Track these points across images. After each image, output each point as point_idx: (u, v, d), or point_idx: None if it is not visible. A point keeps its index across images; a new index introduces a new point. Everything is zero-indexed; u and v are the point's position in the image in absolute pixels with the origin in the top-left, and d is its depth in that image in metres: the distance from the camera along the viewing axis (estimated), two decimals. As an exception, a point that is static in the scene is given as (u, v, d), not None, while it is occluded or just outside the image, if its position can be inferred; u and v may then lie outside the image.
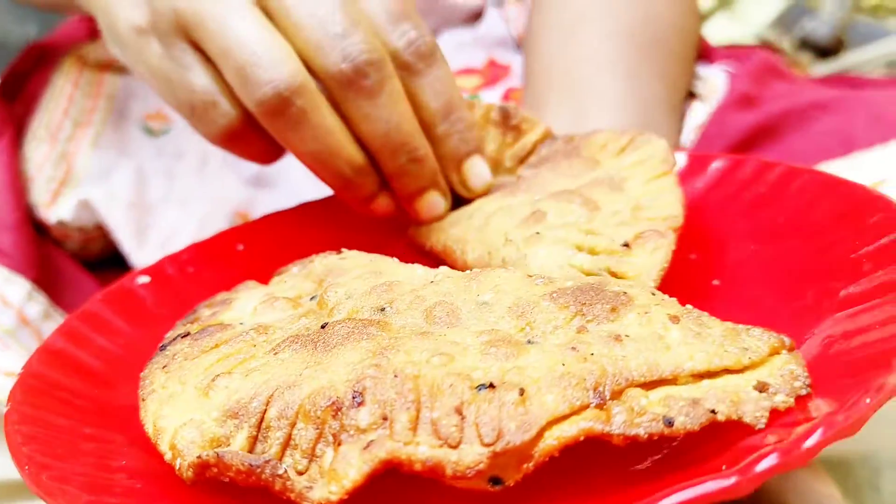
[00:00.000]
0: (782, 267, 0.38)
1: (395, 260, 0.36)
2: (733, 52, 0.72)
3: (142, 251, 0.69)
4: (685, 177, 0.46)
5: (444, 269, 0.34)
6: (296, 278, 0.35)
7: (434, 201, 0.45)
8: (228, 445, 0.25)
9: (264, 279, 0.39)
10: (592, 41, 0.64)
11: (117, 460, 0.28)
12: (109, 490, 0.26)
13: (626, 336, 0.27)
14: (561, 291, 0.30)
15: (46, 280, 0.65)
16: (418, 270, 0.34)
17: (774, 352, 0.29)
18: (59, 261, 0.69)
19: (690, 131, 0.64)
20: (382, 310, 0.30)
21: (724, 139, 0.61)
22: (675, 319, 0.29)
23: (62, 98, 0.73)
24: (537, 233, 0.38)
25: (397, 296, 0.30)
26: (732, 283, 0.39)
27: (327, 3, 0.40)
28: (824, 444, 0.23)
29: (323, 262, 0.36)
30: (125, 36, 0.45)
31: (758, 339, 0.29)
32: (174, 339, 0.31)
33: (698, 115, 0.65)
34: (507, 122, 0.48)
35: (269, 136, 0.43)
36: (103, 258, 0.73)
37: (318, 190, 0.60)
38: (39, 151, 0.71)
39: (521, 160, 0.48)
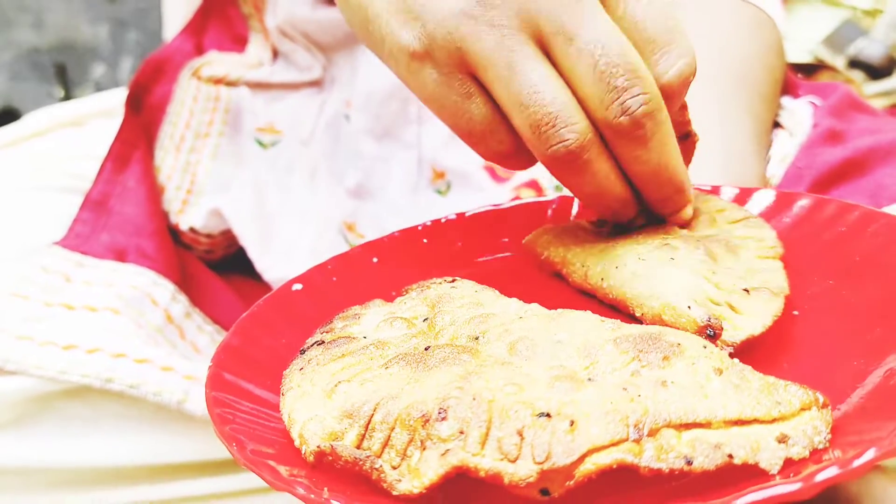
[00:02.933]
0: (855, 302, 0.40)
1: (496, 292, 0.40)
2: (816, 86, 0.72)
3: (267, 257, 0.72)
4: (773, 211, 0.48)
5: (534, 306, 0.38)
6: (414, 301, 0.40)
7: (688, 212, 0.46)
8: (342, 440, 0.30)
9: (395, 286, 0.44)
10: None
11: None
12: (299, 463, 0.31)
13: (672, 382, 0.31)
14: (624, 337, 0.33)
15: (184, 282, 0.69)
16: (513, 306, 0.38)
17: (805, 407, 0.31)
18: (190, 264, 0.72)
19: (778, 162, 0.65)
20: (476, 338, 0.34)
21: (813, 172, 0.62)
22: (718, 371, 0.32)
23: (184, 111, 0.75)
24: (672, 258, 0.41)
25: (490, 327, 0.35)
26: (810, 313, 0.41)
27: (609, 55, 0.38)
28: (877, 461, 0.26)
29: (437, 289, 0.40)
30: (398, 56, 0.43)
31: (792, 395, 0.31)
32: (311, 346, 0.36)
33: (785, 146, 0.66)
34: None
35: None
36: (224, 260, 0.76)
37: (413, 201, 0.63)
38: (167, 162, 0.74)
39: None
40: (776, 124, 0.69)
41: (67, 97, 2.30)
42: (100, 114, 0.85)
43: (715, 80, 0.64)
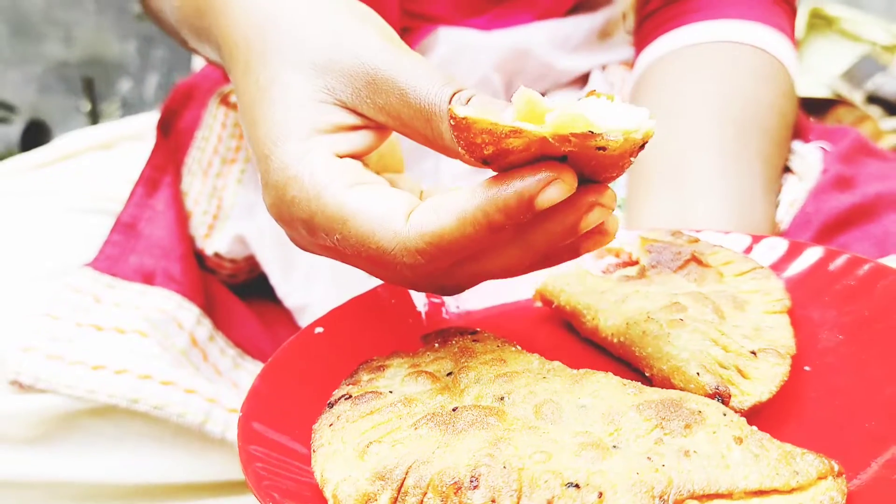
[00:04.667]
0: (866, 359, 0.40)
1: (517, 347, 0.40)
2: (827, 130, 0.71)
3: (287, 284, 0.71)
4: (783, 261, 0.48)
5: (556, 364, 0.37)
6: (438, 353, 0.39)
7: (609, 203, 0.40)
8: (376, 502, 0.29)
9: (414, 329, 0.43)
10: (695, 123, 0.65)
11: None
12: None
13: (695, 452, 0.30)
14: (647, 403, 0.33)
15: (208, 305, 0.68)
16: (535, 362, 0.37)
17: (822, 476, 0.31)
18: (214, 287, 0.71)
19: (787, 207, 0.64)
20: (501, 399, 0.34)
21: (821, 217, 0.61)
22: (738, 441, 0.31)
23: (212, 136, 0.74)
24: (681, 319, 0.40)
25: (515, 387, 0.34)
26: (821, 370, 0.40)
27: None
28: None
29: (459, 342, 0.40)
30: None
31: (809, 464, 0.31)
32: (339, 400, 0.36)
33: (794, 191, 0.65)
34: None
35: None
36: (247, 284, 0.75)
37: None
38: (194, 187, 0.72)
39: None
40: (787, 168, 0.68)
41: (94, 111, 2.30)
42: (129, 137, 0.85)
43: (726, 125, 0.64)
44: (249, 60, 0.43)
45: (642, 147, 0.32)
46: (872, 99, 1.28)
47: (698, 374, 0.36)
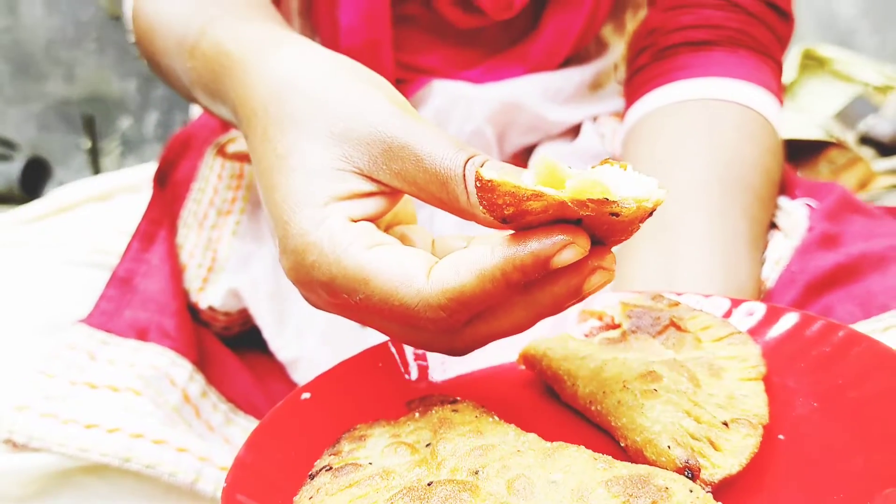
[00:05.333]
0: (838, 429, 0.41)
1: (495, 418, 0.41)
2: (813, 186, 0.72)
3: (280, 338, 0.72)
4: (761, 326, 0.49)
5: (531, 436, 0.38)
6: (417, 423, 0.41)
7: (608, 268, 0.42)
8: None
9: (400, 394, 0.45)
10: (682, 182, 0.66)
11: None
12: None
13: (660, 530, 0.31)
14: (616, 479, 0.34)
15: (201, 360, 0.69)
16: (510, 434, 0.39)
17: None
18: (207, 341, 0.72)
19: (772, 265, 0.65)
20: (476, 472, 0.35)
21: (806, 276, 0.62)
22: (704, 517, 0.32)
23: (208, 188, 0.75)
24: (655, 389, 0.42)
25: (489, 461, 0.36)
26: (795, 438, 0.41)
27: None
28: None
29: (439, 413, 0.41)
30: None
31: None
32: (320, 471, 0.37)
33: (780, 248, 0.66)
34: None
35: None
36: (240, 336, 0.76)
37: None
38: (189, 239, 0.73)
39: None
40: (773, 224, 0.69)
41: (94, 148, 2.33)
42: (126, 188, 0.86)
43: (712, 183, 0.65)
44: (267, 128, 0.45)
45: (650, 214, 0.35)
46: (865, 140, 1.30)
47: (669, 447, 0.37)
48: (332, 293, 0.41)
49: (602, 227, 0.36)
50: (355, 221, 0.42)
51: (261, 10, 0.61)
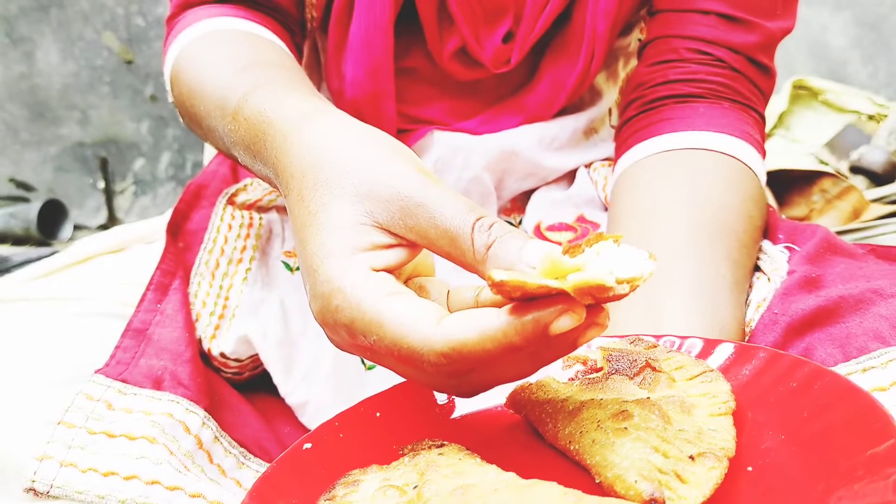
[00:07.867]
0: (803, 460, 0.43)
1: (478, 459, 0.44)
2: (796, 228, 0.74)
3: (288, 384, 0.76)
4: (732, 365, 0.52)
5: (510, 475, 0.42)
6: (406, 467, 0.44)
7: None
8: None
9: (397, 440, 0.48)
10: (666, 227, 0.69)
11: None
12: None
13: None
14: (585, 517, 0.37)
15: (214, 405, 0.72)
16: (490, 474, 0.42)
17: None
18: (218, 386, 0.75)
19: (755, 307, 0.67)
20: (456, 513, 0.39)
21: (787, 318, 0.64)
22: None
23: (219, 237, 0.80)
24: (626, 427, 0.45)
25: (469, 499, 0.39)
26: (763, 470, 0.44)
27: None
28: None
29: (426, 456, 0.45)
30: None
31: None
32: (317, 519, 0.41)
33: (762, 291, 0.68)
34: None
35: None
36: (251, 379, 0.79)
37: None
38: (202, 288, 0.77)
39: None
40: (757, 268, 0.72)
41: (108, 189, 2.38)
42: (140, 239, 0.89)
43: (696, 229, 0.68)
44: (303, 190, 0.51)
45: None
46: (856, 170, 1.33)
47: (636, 481, 0.41)
48: (351, 334, 0.46)
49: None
50: (376, 271, 0.47)
51: (297, 77, 0.67)
